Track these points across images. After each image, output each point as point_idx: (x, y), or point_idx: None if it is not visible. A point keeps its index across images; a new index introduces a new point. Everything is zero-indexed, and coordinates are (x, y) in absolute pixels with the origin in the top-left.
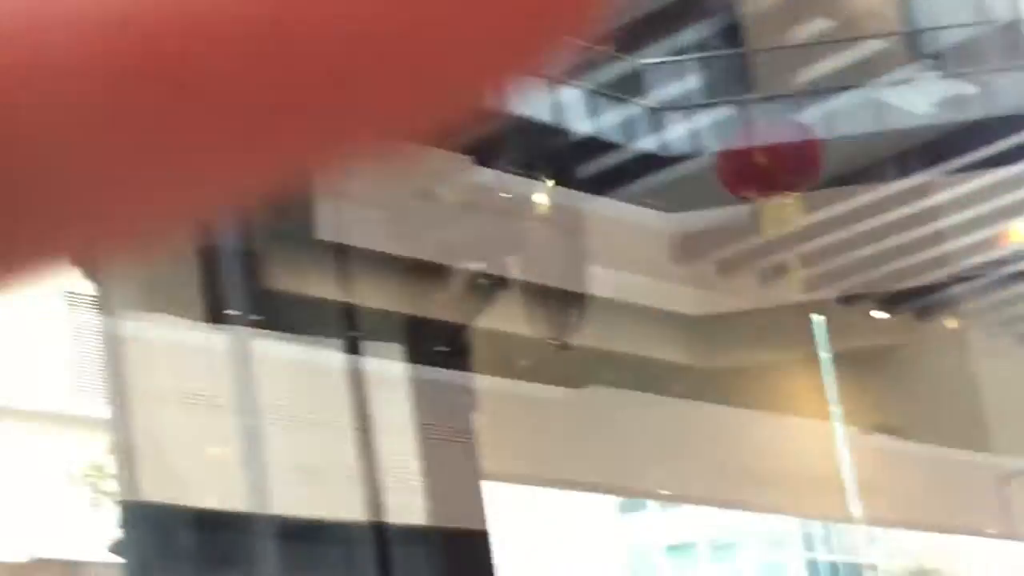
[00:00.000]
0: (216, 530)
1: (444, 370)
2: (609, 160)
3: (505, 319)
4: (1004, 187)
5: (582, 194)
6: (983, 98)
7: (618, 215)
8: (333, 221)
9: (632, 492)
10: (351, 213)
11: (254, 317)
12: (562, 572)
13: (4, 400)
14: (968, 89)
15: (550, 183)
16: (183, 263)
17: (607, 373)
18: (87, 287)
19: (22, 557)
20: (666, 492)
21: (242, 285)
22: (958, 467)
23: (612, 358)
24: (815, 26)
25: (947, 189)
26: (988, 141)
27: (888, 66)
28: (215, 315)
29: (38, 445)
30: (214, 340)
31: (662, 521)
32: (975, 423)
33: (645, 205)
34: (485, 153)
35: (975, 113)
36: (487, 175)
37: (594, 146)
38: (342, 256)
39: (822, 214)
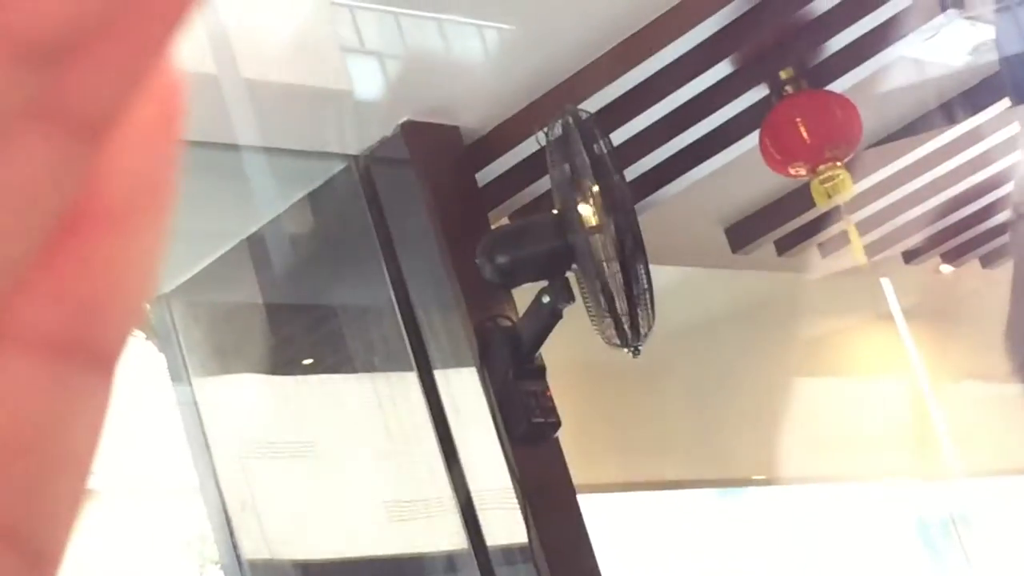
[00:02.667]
0: None
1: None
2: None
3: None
4: None
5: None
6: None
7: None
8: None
9: (726, 483)
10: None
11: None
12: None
13: (112, 478)
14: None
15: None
16: (250, 320)
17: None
18: (158, 359)
19: None
20: (761, 477)
21: (313, 333)
22: None
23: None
24: None
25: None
26: None
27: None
28: (289, 366)
29: (147, 519)
30: (290, 390)
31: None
32: None
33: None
34: None
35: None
36: None
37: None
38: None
39: (875, 176)
